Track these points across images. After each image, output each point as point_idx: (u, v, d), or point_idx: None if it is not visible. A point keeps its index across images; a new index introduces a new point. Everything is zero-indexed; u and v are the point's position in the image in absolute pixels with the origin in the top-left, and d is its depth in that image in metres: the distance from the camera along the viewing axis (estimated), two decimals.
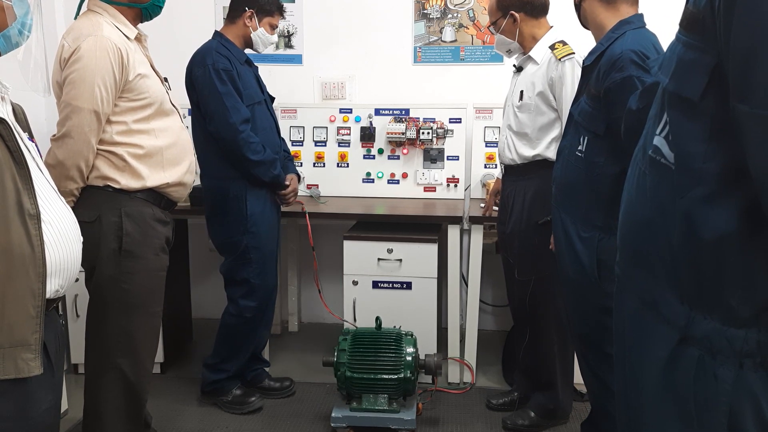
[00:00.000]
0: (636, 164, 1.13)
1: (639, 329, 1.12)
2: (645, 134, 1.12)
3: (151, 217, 2.11)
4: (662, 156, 1.03)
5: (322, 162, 3.58)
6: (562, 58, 2.34)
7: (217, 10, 3.63)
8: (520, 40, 2.51)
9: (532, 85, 2.45)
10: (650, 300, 1.08)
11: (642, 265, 1.10)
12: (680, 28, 1.02)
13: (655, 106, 1.09)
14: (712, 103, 0.93)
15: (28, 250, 1.26)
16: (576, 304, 2.10)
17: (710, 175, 0.94)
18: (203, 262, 3.71)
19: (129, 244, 2.05)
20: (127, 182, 2.05)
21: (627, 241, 1.16)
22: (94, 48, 1.93)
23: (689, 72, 0.97)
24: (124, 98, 2.02)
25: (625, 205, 1.17)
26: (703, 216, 0.96)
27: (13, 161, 1.25)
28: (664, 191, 1.03)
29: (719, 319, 0.97)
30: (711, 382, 0.97)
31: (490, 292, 3.64)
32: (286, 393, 2.98)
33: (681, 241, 1.00)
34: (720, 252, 0.95)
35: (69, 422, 2.67)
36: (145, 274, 2.11)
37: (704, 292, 0.99)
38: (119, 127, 2.03)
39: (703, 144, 0.95)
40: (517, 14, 2.46)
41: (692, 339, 0.99)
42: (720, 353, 0.96)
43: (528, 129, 2.47)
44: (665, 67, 1.05)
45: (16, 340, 1.26)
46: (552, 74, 2.38)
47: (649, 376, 1.08)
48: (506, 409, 2.78)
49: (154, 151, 2.08)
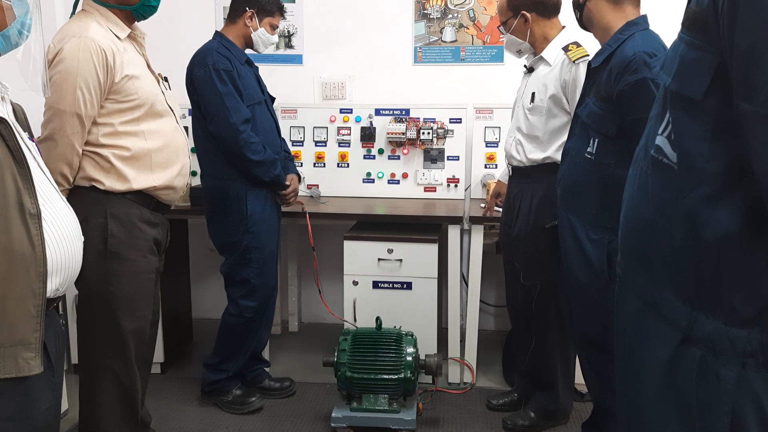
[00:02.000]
0: (638, 164, 1.13)
1: (640, 329, 1.12)
2: (647, 134, 1.12)
3: (138, 218, 2.08)
4: (664, 156, 1.02)
5: (323, 162, 3.57)
6: (577, 60, 2.28)
7: (217, 10, 3.63)
8: (531, 40, 2.45)
9: (545, 87, 2.40)
10: (651, 300, 1.08)
11: (643, 265, 1.10)
12: (683, 27, 1.01)
13: (656, 106, 1.09)
14: (715, 102, 0.93)
15: (28, 249, 1.26)
16: (583, 307, 2.08)
17: (713, 174, 0.94)
18: (203, 262, 3.70)
19: (114, 246, 2.02)
20: (112, 184, 2.02)
21: (628, 241, 1.16)
22: (77, 50, 1.91)
23: (692, 71, 0.96)
24: (111, 100, 1.99)
25: (626, 205, 1.17)
26: (706, 216, 0.95)
27: (13, 161, 1.25)
28: (667, 191, 1.02)
29: (722, 318, 0.96)
30: (713, 382, 0.97)
31: (490, 292, 3.64)
32: (287, 393, 2.98)
33: (683, 241, 0.99)
34: (722, 252, 0.95)
35: (69, 422, 2.67)
36: (132, 277, 2.08)
37: (706, 292, 0.98)
38: (105, 129, 2.00)
39: (706, 143, 0.95)
40: (528, 14, 2.40)
41: (694, 339, 0.99)
42: (722, 353, 0.96)
43: (539, 132, 2.42)
44: (667, 67, 1.05)
45: (16, 339, 1.26)
46: (565, 76, 2.33)
47: (651, 376, 1.08)
48: (506, 410, 2.78)
49: (142, 153, 2.05)
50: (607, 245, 1.92)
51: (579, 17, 2.08)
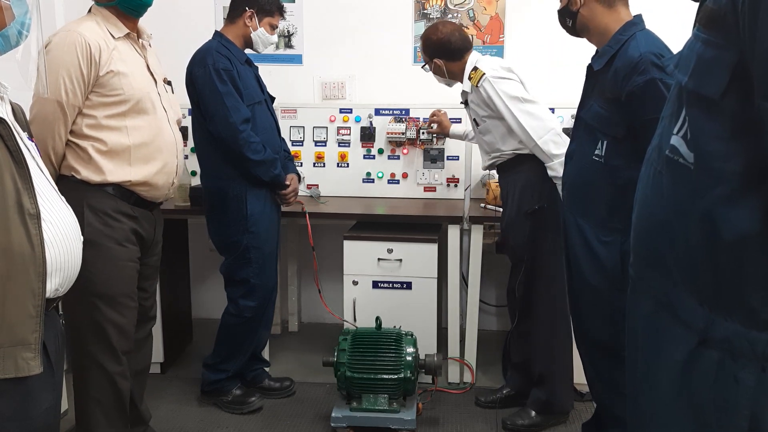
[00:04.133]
0: (650, 164, 1.11)
1: (654, 332, 1.10)
2: (660, 133, 1.09)
3: (114, 210, 2.13)
4: (680, 156, 1.00)
5: (322, 162, 3.57)
6: (477, 84, 2.56)
7: (217, 10, 3.63)
8: (451, 77, 2.74)
9: (477, 112, 2.67)
10: (666, 302, 1.06)
11: (657, 267, 1.08)
12: (699, 25, 0.99)
13: (670, 105, 1.06)
14: (734, 101, 0.91)
15: (28, 250, 1.26)
16: (594, 310, 2.04)
17: (732, 174, 0.92)
18: (203, 262, 3.70)
19: (89, 234, 2.03)
20: (89, 175, 2.09)
21: (642, 242, 1.14)
22: (63, 42, 2.01)
23: (710, 70, 0.94)
24: (96, 93, 2.07)
25: (639, 206, 1.15)
26: (724, 216, 0.93)
27: (12, 161, 1.25)
28: (682, 191, 1.00)
29: (740, 321, 0.94)
30: (731, 385, 0.94)
31: (490, 292, 3.64)
32: (286, 393, 2.98)
33: (700, 242, 0.97)
34: (741, 253, 0.93)
35: (69, 422, 2.66)
36: (108, 263, 2.12)
37: (724, 294, 0.96)
38: (89, 121, 2.08)
39: (724, 143, 0.93)
40: (438, 61, 2.70)
41: (711, 341, 0.97)
42: (742, 356, 0.93)
43: (498, 144, 2.64)
44: (683, 66, 1.02)
45: (16, 339, 1.26)
46: (481, 97, 2.58)
47: (665, 379, 1.05)
48: (493, 407, 2.80)
49: (120, 148, 2.11)
50: (619, 247, 1.90)
51: (571, 25, 2.04)
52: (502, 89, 2.50)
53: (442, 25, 2.72)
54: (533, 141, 2.46)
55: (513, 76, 2.56)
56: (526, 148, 2.52)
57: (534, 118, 2.47)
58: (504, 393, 2.84)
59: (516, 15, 3.52)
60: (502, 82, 2.52)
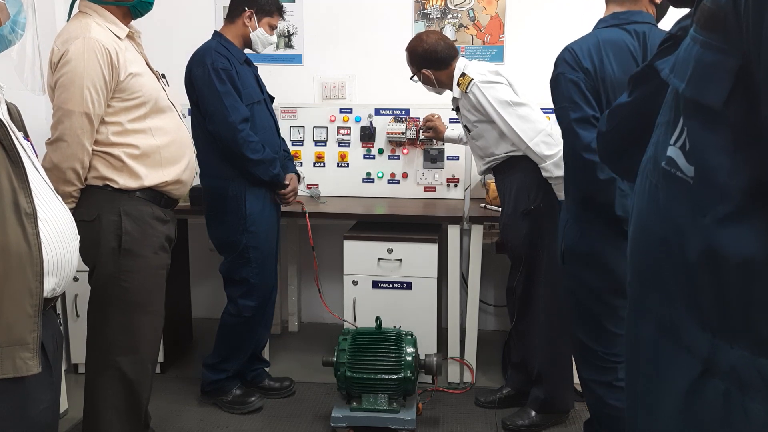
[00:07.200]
0: (646, 176, 1.02)
1: (656, 358, 1.00)
2: (655, 143, 1.00)
3: (150, 216, 2.12)
4: (678, 169, 0.91)
5: (322, 162, 3.57)
6: (466, 90, 2.60)
7: (217, 10, 3.63)
8: (440, 85, 2.77)
9: (469, 117, 2.68)
10: (668, 325, 0.97)
11: (656, 287, 0.99)
12: (696, 26, 0.89)
13: (666, 112, 0.97)
14: (738, 110, 0.82)
15: (25, 249, 1.26)
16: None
17: (736, 190, 0.83)
18: (203, 262, 3.70)
19: (128, 243, 2.06)
20: (126, 182, 2.07)
21: (639, 259, 1.05)
22: (82, 50, 1.95)
23: (710, 76, 0.85)
24: (117, 98, 2.03)
25: (635, 219, 1.06)
26: (728, 236, 0.84)
27: (8, 160, 1.25)
28: (681, 208, 0.91)
29: (747, 348, 0.84)
30: (741, 418, 0.85)
31: (490, 292, 3.64)
32: (286, 393, 2.98)
33: (701, 263, 0.88)
34: (747, 275, 0.83)
35: (69, 422, 2.67)
36: (145, 272, 2.12)
37: (729, 318, 0.87)
38: (115, 128, 2.04)
39: (728, 156, 0.83)
40: (426, 71, 2.74)
41: (716, 370, 0.87)
42: (750, 386, 0.84)
43: (491, 148, 2.65)
44: (679, 70, 0.92)
45: (13, 339, 1.26)
46: (471, 103, 2.61)
47: (668, 410, 0.97)
48: (493, 407, 2.79)
49: (151, 150, 2.09)
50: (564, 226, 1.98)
51: None
52: (491, 94, 2.53)
53: (426, 35, 2.75)
54: (525, 143, 2.48)
55: (501, 80, 2.57)
56: (519, 150, 2.54)
57: (524, 120, 2.49)
58: (504, 393, 2.84)
59: (516, 15, 3.52)
60: (490, 87, 2.55)
